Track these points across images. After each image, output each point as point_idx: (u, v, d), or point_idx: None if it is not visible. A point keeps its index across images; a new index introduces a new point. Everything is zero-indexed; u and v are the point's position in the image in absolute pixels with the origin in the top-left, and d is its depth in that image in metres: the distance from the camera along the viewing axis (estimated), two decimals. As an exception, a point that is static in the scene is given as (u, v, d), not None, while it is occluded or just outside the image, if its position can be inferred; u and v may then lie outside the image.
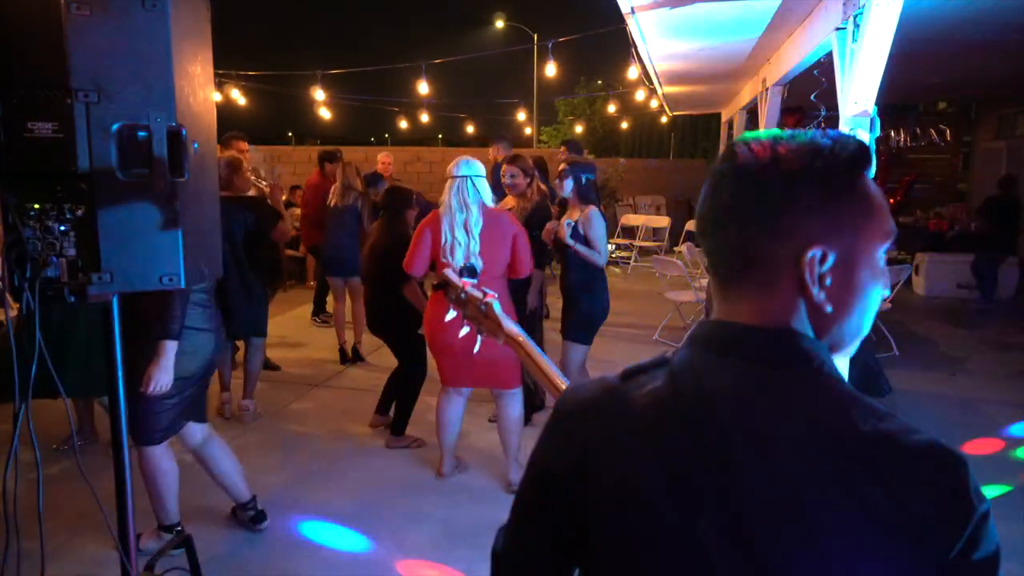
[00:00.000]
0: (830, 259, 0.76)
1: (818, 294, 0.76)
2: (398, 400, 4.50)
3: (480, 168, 3.70)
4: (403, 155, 13.60)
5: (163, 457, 3.07)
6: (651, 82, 8.57)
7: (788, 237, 0.76)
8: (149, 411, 2.94)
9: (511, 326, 1.57)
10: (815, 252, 0.75)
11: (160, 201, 1.70)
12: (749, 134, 0.82)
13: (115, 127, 1.63)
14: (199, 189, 1.83)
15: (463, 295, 1.64)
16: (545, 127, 24.25)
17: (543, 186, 5.47)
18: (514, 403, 3.83)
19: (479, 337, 1.67)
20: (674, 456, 0.77)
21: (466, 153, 4.81)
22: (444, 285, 1.70)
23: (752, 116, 9.50)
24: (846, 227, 0.77)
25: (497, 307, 1.61)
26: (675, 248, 11.48)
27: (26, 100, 1.59)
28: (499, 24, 23.90)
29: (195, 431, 3.20)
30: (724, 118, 12.17)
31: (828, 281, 0.76)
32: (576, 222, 4.16)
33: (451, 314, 1.70)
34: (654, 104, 14.02)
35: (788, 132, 0.80)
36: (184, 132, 1.68)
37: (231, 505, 3.48)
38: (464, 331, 1.67)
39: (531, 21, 24.29)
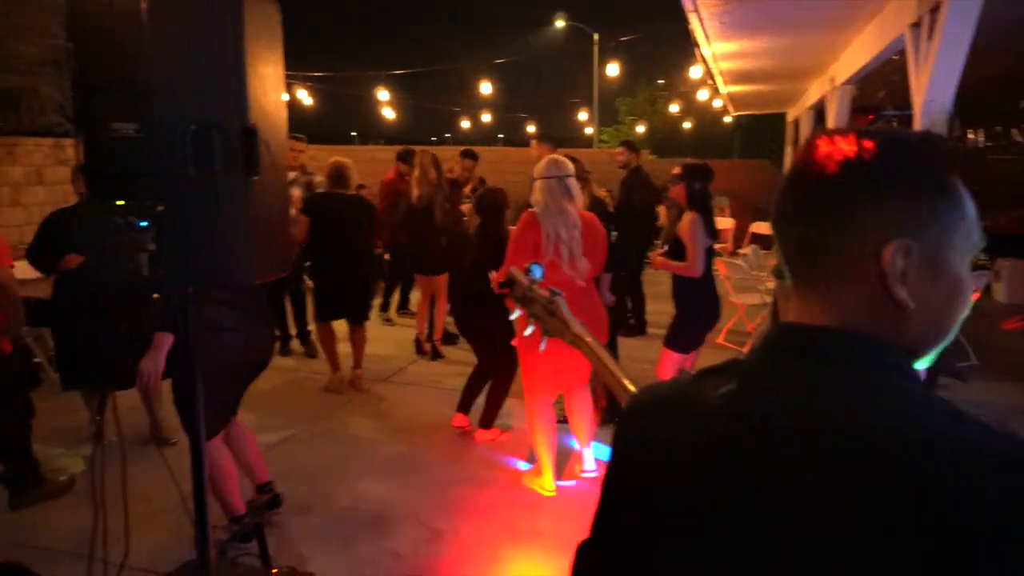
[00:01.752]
0: (914, 255, 0.73)
1: (899, 291, 0.74)
2: (492, 396, 4.51)
3: (568, 168, 3.66)
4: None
5: (219, 455, 3.12)
6: (714, 81, 8.43)
7: (872, 234, 0.74)
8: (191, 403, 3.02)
9: (578, 327, 1.53)
10: (898, 246, 0.73)
11: (234, 199, 1.76)
12: (830, 129, 0.80)
13: (191, 127, 1.70)
14: (270, 187, 1.89)
15: (529, 293, 1.60)
16: (605, 127, 24.08)
17: (603, 191, 5.48)
18: (590, 396, 3.87)
19: (544, 338, 1.63)
20: (738, 464, 0.75)
21: (527, 153, 4.84)
22: (510, 283, 1.65)
23: (819, 115, 9.27)
24: (933, 225, 0.74)
25: (564, 307, 1.57)
26: (739, 250, 11.26)
27: (109, 102, 1.67)
28: (560, 24, 23.86)
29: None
30: (790, 118, 11.89)
31: (911, 278, 0.74)
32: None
33: (516, 313, 1.66)
34: (717, 104, 13.80)
35: (874, 128, 0.78)
36: (256, 132, 1.74)
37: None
38: (529, 330, 1.64)
39: (593, 21, 24.15)
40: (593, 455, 3.96)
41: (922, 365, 0.81)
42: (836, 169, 0.76)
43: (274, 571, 2.88)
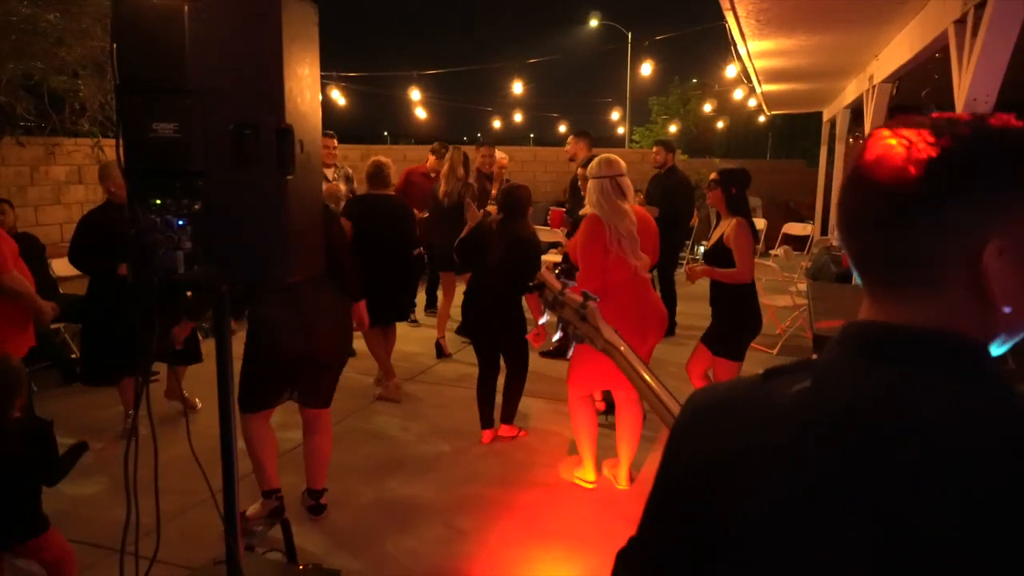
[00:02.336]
0: (1007, 254, 0.70)
1: (995, 291, 0.70)
2: (512, 394, 4.51)
3: (621, 167, 3.67)
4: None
5: (251, 428, 3.32)
6: (749, 80, 8.32)
7: (958, 232, 0.71)
8: (241, 380, 3.24)
9: (611, 333, 1.50)
10: (995, 247, 0.69)
11: (269, 197, 1.78)
12: (895, 124, 0.76)
13: (229, 127, 1.72)
14: (304, 186, 1.90)
15: (560, 297, 1.57)
16: (637, 127, 23.94)
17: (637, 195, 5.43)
18: (637, 405, 3.80)
19: (572, 343, 1.60)
20: (825, 465, 0.72)
21: (557, 152, 4.82)
22: (540, 286, 1.62)
23: (856, 115, 9.10)
24: (1021, 220, 0.70)
25: (597, 312, 1.54)
26: (771, 251, 11.11)
27: (150, 102, 1.69)
28: (593, 23, 23.78)
29: (304, 409, 3.48)
30: (826, 117, 11.70)
31: (1005, 278, 0.70)
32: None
33: (544, 317, 1.64)
34: (752, 103, 13.63)
35: (944, 120, 0.74)
36: (292, 131, 1.75)
37: (327, 492, 3.60)
38: (557, 336, 1.61)
39: (626, 19, 24.02)
40: (629, 472, 3.90)
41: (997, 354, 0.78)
42: (915, 167, 0.72)
43: (300, 567, 2.91)
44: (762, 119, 19.24)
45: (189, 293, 3.40)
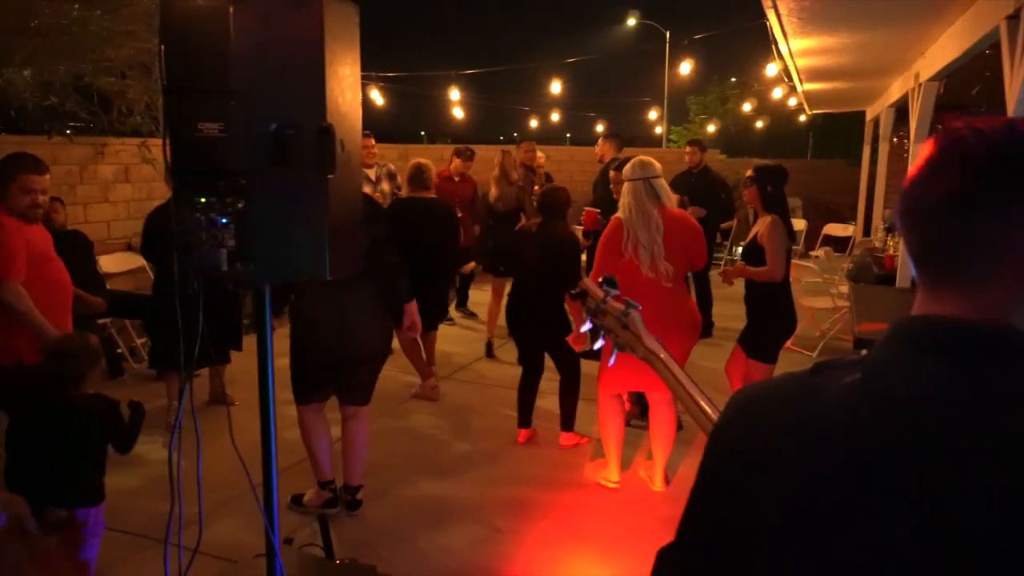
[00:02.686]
0: None
1: None
2: (566, 400, 4.44)
3: (655, 169, 3.65)
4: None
5: (307, 419, 3.44)
6: (791, 79, 8.19)
7: (1019, 227, 0.71)
8: (292, 375, 3.36)
9: (652, 342, 1.50)
10: None
11: (309, 196, 1.80)
12: (967, 119, 0.76)
13: (272, 126, 1.75)
14: (344, 185, 1.92)
15: (603, 305, 1.57)
16: (675, 126, 23.71)
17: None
18: (670, 407, 3.77)
19: (614, 352, 1.60)
20: (873, 456, 0.72)
21: (594, 152, 4.81)
22: (583, 294, 1.62)
23: (901, 114, 8.90)
24: None
25: (639, 321, 1.54)
26: (811, 252, 10.93)
27: (196, 102, 1.73)
28: (631, 22, 23.61)
29: (345, 406, 3.55)
30: (869, 116, 11.47)
31: None
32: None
33: (586, 325, 1.63)
34: (792, 102, 13.41)
35: (1015, 117, 0.75)
36: (333, 131, 1.77)
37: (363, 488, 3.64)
38: (599, 344, 1.62)
39: (664, 18, 23.81)
40: (664, 473, 3.88)
41: None
42: (986, 160, 0.72)
43: (337, 561, 2.94)
44: (802, 118, 18.93)
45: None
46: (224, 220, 1.78)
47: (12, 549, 2.15)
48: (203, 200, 1.75)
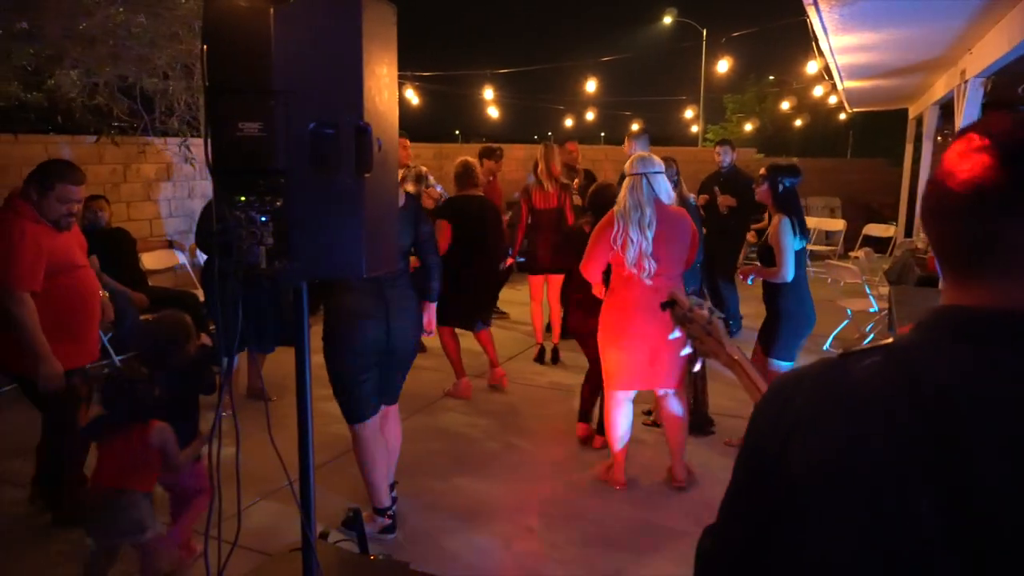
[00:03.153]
0: None
1: None
2: (592, 393, 4.46)
3: (656, 164, 3.62)
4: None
5: (368, 439, 3.25)
6: (831, 77, 8.05)
7: None
8: (339, 390, 3.22)
9: (733, 348, 1.56)
10: None
11: (346, 195, 1.82)
12: (987, 119, 0.81)
13: (310, 126, 1.77)
14: (381, 184, 1.93)
15: (689, 314, 1.63)
16: (711, 125, 23.48)
17: (702, 197, 5.34)
18: (681, 401, 3.81)
19: (699, 359, 1.66)
20: (896, 432, 0.75)
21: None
22: (672, 303, 1.68)
23: (946, 112, 8.69)
24: None
25: (722, 327, 1.59)
26: (850, 253, 10.72)
27: (237, 102, 1.75)
28: (667, 20, 23.41)
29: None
30: (912, 114, 11.22)
31: None
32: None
33: (675, 333, 1.69)
34: (832, 100, 13.19)
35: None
36: (370, 130, 1.78)
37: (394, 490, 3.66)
38: (686, 350, 1.68)
39: (701, 16, 23.56)
40: (684, 467, 3.87)
41: None
42: (1005, 161, 0.76)
43: (371, 557, 2.96)
44: (843, 116, 18.60)
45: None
46: (263, 218, 1.80)
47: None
48: (243, 198, 1.78)
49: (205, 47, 1.73)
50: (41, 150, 5.60)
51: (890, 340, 0.84)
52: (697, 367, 1.70)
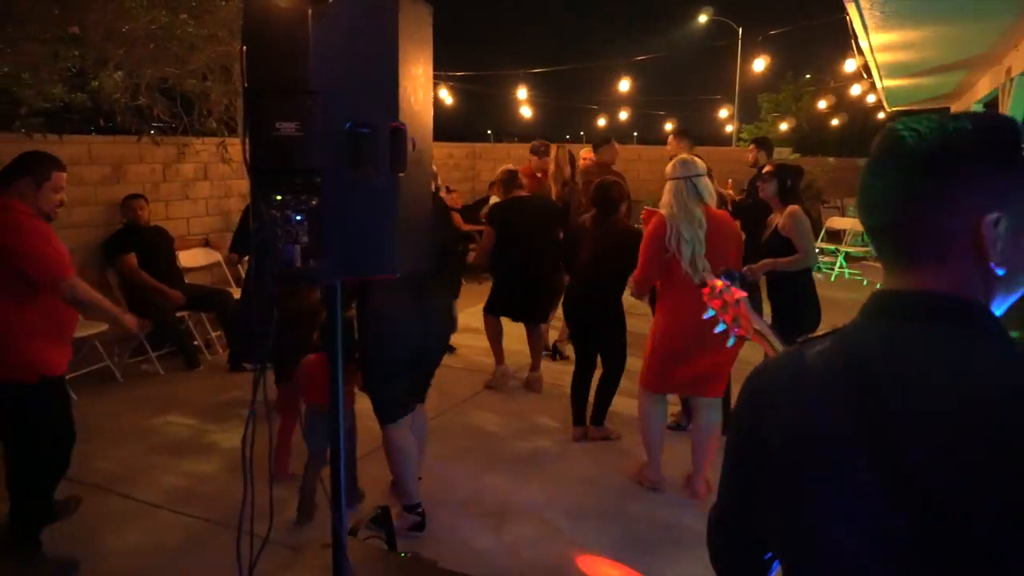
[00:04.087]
0: (1003, 225, 0.83)
1: (993, 258, 0.83)
2: (604, 393, 4.49)
3: (699, 168, 3.61)
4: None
5: (400, 440, 3.28)
6: (870, 75, 7.90)
7: (962, 210, 0.84)
8: (375, 390, 3.23)
9: (761, 323, 1.67)
10: (991, 218, 0.82)
11: (381, 194, 1.83)
12: (906, 120, 0.89)
13: (346, 125, 1.78)
14: (415, 184, 1.94)
15: (720, 292, 1.74)
16: (746, 124, 23.17)
17: (729, 190, 5.30)
18: (716, 413, 3.75)
19: (732, 335, 1.75)
20: (835, 407, 0.85)
21: (662, 151, 4.75)
22: (704, 284, 1.81)
23: (990, 110, 8.48)
24: (1015, 197, 0.84)
25: (748, 305, 1.70)
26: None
27: (275, 103, 1.77)
28: (702, 19, 23.17)
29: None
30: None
31: (1000, 246, 0.83)
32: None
33: (710, 312, 1.80)
34: (871, 99, 12.94)
35: (946, 115, 0.88)
36: (405, 130, 1.79)
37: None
38: (720, 328, 1.77)
39: (736, 15, 23.28)
40: (707, 481, 3.81)
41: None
42: (924, 156, 0.85)
43: (400, 554, 2.98)
44: (881, 115, 18.23)
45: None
46: (298, 217, 1.82)
47: None
48: (279, 198, 1.80)
49: (244, 48, 1.76)
50: (85, 150, 5.74)
51: (841, 326, 0.95)
52: (731, 342, 1.79)
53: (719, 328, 1.77)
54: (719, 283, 1.76)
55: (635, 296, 3.91)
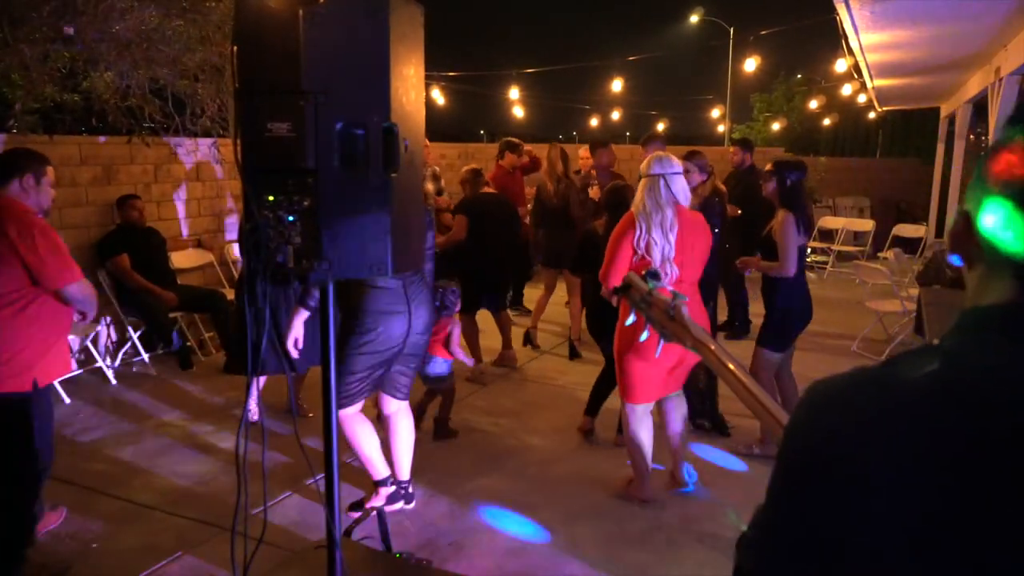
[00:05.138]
0: None
1: None
2: (601, 393, 4.51)
3: (675, 165, 3.49)
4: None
5: (355, 418, 3.36)
6: (860, 75, 7.94)
7: None
8: (344, 382, 3.25)
9: (699, 331, 1.49)
10: None
11: (373, 195, 1.83)
12: None
13: (338, 126, 1.78)
14: (407, 184, 1.95)
15: (648, 298, 1.58)
16: (738, 124, 23.23)
17: (721, 185, 5.38)
18: (684, 402, 3.80)
19: (660, 342, 1.59)
20: (960, 447, 0.66)
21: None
22: (627, 288, 1.63)
23: (980, 110, 8.54)
24: None
25: (686, 311, 1.53)
26: (879, 254, 10.56)
27: (267, 103, 1.78)
28: (694, 19, 23.22)
29: (389, 401, 3.51)
30: (944, 113, 11.03)
31: None
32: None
33: (631, 318, 1.65)
34: (862, 99, 13.00)
35: None
36: (397, 130, 1.80)
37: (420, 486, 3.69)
38: (644, 335, 1.63)
39: (728, 15, 23.34)
40: (683, 469, 3.84)
41: None
42: None
43: (395, 555, 2.98)
44: (872, 115, 18.32)
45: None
46: (291, 218, 1.82)
47: None
48: (272, 198, 1.80)
49: (235, 48, 1.76)
50: (75, 150, 5.71)
51: (940, 341, 0.77)
52: (658, 353, 1.67)
53: (643, 336, 1.64)
54: (645, 285, 1.61)
55: (603, 295, 3.71)
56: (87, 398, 5.07)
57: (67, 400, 5.00)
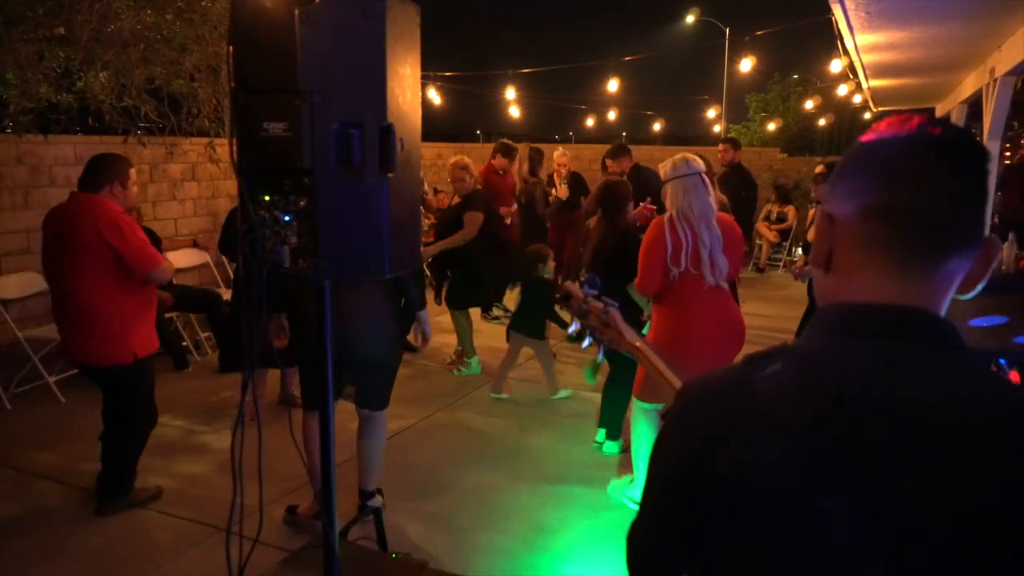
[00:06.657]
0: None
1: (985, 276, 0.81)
2: (616, 406, 4.30)
3: (701, 164, 3.44)
4: (587, 152, 13.63)
5: (310, 424, 3.27)
6: (856, 75, 7.96)
7: (976, 218, 0.80)
8: (308, 378, 3.36)
9: (633, 336, 1.59)
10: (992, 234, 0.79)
11: (369, 195, 1.83)
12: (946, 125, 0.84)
13: (334, 126, 1.78)
14: (403, 184, 1.95)
15: (584, 306, 1.65)
16: (734, 125, 23.26)
17: (723, 197, 5.43)
18: None
19: (600, 349, 1.68)
20: (800, 436, 0.76)
21: (649, 152, 4.77)
22: (567, 298, 1.69)
23: (974, 111, 8.55)
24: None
25: (619, 317, 1.62)
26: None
27: (263, 103, 1.77)
28: (690, 19, 23.23)
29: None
30: (939, 113, 11.06)
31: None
32: None
33: (574, 326, 1.70)
34: (857, 99, 13.02)
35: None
36: (393, 130, 1.80)
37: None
38: (586, 343, 1.68)
39: (724, 15, 23.37)
40: None
41: None
42: (982, 165, 0.79)
43: (391, 555, 2.98)
44: (868, 116, 18.35)
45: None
46: (287, 218, 1.82)
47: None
48: (268, 198, 1.80)
49: (231, 48, 1.76)
50: (70, 150, 5.70)
51: (787, 343, 0.86)
52: (600, 359, 1.74)
53: (585, 343, 1.67)
54: (581, 294, 1.65)
55: (643, 294, 3.62)
56: (82, 398, 5.05)
57: (62, 400, 4.98)
